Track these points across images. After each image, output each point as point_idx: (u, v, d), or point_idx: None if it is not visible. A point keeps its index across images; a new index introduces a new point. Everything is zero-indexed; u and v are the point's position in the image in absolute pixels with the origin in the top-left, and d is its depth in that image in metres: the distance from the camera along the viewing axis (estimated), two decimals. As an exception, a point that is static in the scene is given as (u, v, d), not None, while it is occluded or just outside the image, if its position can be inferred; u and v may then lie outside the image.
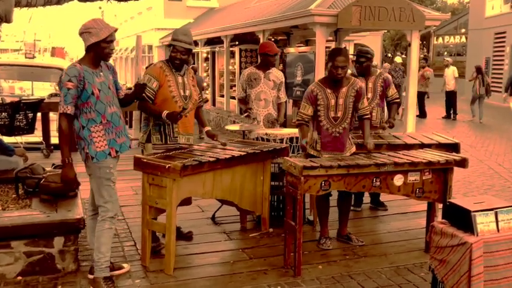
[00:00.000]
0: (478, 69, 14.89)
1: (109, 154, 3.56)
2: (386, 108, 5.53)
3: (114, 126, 3.61)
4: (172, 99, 4.24)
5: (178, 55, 4.25)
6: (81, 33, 3.49)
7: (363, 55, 5.22)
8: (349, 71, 5.82)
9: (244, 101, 5.58)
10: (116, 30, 3.53)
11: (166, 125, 4.28)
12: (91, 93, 3.46)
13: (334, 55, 4.27)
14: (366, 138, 4.43)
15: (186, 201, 4.39)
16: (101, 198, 3.59)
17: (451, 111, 15.52)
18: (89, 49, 3.50)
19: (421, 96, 14.93)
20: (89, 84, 3.45)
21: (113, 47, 3.60)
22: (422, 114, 15.34)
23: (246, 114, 5.34)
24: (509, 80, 13.96)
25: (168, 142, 4.30)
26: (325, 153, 4.34)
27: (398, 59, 16.41)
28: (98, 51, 3.49)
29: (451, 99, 15.50)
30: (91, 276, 3.73)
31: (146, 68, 4.39)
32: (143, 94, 4.16)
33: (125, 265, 3.95)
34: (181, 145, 4.32)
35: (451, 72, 15.41)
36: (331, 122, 4.35)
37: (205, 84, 15.39)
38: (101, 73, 3.58)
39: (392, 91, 5.37)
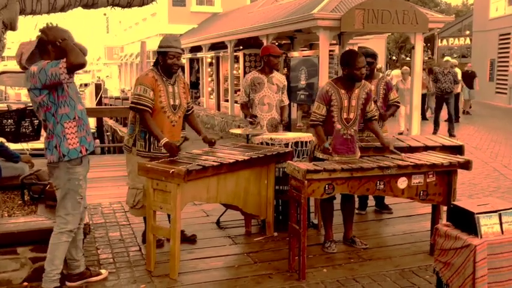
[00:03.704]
0: (430, 70, 15.22)
1: (80, 152, 3.48)
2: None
3: (84, 124, 3.55)
4: (161, 109, 4.24)
5: (175, 61, 4.27)
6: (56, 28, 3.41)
7: (369, 56, 5.22)
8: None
9: (246, 107, 5.57)
10: None
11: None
12: (63, 88, 3.40)
13: (353, 58, 4.26)
14: (383, 139, 4.46)
15: None
16: (63, 209, 3.50)
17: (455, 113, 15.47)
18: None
19: (424, 98, 14.87)
20: None
21: None
22: (423, 116, 15.22)
23: (251, 121, 5.33)
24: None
25: (152, 150, 4.29)
26: (336, 155, 4.34)
27: (448, 58, 13.33)
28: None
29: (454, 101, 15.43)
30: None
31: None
32: (141, 106, 4.16)
33: (102, 271, 3.91)
34: (165, 155, 4.26)
35: None
36: (344, 123, 4.37)
37: None
38: None
39: (393, 95, 5.38)
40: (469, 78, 16.53)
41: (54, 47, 3.39)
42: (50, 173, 3.57)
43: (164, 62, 4.26)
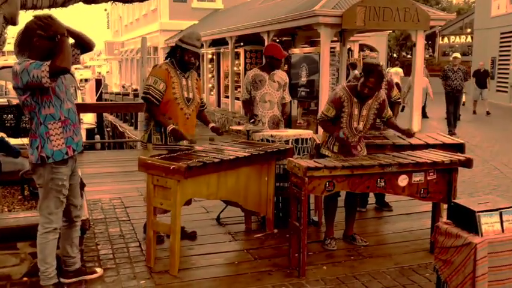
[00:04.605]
0: None
1: (66, 153, 3.38)
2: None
3: (71, 123, 3.43)
4: (174, 101, 4.27)
5: (192, 59, 4.32)
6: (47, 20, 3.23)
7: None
8: (356, 72, 5.81)
9: (248, 104, 5.55)
10: None
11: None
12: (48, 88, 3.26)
13: (368, 74, 4.20)
14: (403, 130, 4.55)
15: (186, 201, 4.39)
16: (47, 208, 3.42)
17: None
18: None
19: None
20: None
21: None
22: (423, 114, 15.14)
23: (252, 120, 5.30)
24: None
25: (169, 143, 4.33)
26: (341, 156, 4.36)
27: (457, 55, 12.55)
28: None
29: None
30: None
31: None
32: (149, 96, 4.19)
33: (98, 269, 3.88)
34: (181, 147, 4.32)
35: None
36: (352, 131, 4.38)
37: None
38: None
39: (395, 92, 5.38)
40: (482, 77, 16.28)
41: (42, 41, 3.24)
42: (33, 170, 3.44)
43: (182, 57, 4.31)
